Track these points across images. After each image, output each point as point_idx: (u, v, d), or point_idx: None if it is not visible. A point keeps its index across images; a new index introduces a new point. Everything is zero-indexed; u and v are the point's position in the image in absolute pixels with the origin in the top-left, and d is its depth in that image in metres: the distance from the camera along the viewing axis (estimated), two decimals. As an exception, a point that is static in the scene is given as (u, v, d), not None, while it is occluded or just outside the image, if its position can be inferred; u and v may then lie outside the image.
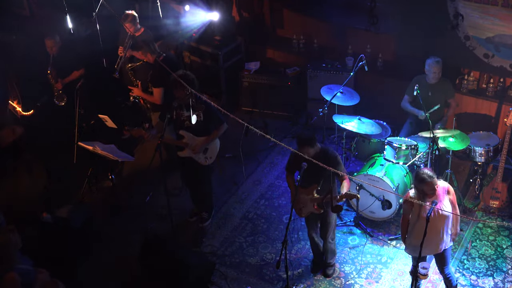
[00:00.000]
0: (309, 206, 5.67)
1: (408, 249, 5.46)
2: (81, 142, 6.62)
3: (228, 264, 6.36)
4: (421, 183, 5.02)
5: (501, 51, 7.01)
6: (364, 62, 6.78)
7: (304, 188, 5.58)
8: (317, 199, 5.60)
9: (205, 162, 6.37)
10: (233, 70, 8.67)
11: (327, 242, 5.98)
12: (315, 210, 5.66)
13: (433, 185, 5.01)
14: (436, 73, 6.81)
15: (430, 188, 5.01)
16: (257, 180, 7.54)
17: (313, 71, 8.13)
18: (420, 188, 5.06)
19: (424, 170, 5.05)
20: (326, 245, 6.01)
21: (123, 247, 6.50)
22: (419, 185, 5.05)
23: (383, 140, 6.75)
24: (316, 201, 5.61)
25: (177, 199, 7.14)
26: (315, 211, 5.66)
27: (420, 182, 5.02)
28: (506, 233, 6.49)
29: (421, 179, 5.01)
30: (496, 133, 7.10)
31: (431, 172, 5.03)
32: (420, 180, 5.02)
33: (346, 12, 8.32)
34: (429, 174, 5.00)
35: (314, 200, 5.61)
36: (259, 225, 6.85)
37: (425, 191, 5.04)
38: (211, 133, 6.23)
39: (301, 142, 5.45)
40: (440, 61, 6.78)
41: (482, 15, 6.90)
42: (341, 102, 6.96)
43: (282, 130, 8.34)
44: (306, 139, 5.46)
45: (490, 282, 5.95)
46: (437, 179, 5.08)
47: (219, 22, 8.47)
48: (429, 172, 5.02)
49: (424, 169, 5.08)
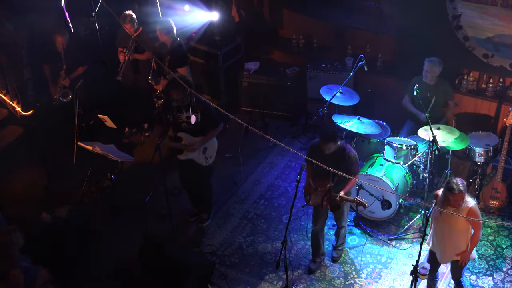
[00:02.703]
0: (318, 197, 5.76)
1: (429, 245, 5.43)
2: (81, 142, 6.62)
3: (228, 264, 6.36)
4: (448, 191, 4.91)
5: (500, 50, 7.02)
6: (364, 62, 6.78)
7: (321, 177, 5.66)
8: (328, 193, 5.65)
9: (205, 163, 6.37)
10: (233, 70, 8.67)
11: (340, 227, 6.18)
12: (323, 205, 5.74)
13: (459, 200, 4.90)
14: (430, 73, 6.81)
15: (454, 199, 4.91)
16: (257, 180, 7.54)
17: (313, 71, 8.14)
18: (446, 195, 4.96)
19: (457, 181, 4.91)
20: (338, 230, 6.24)
21: (123, 247, 6.50)
22: (446, 192, 4.95)
23: (382, 140, 6.75)
24: (326, 196, 5.67)
25: (177, 199, 7.14)
26: (323, 205, 5.74)
27: (448, 191, 4.91)
28: (506, 233, 6.49)
29: (450, 188, 4.89)
30: (496, 133, 7.10)
31: (462, 186, 4.88)
32: (449, 188, 4.90)
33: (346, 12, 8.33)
34: (459, 188, 4.86)
35: (324, 192, 5.68)
36: (258, 225, 6.85)
37: (448, 200, 4.94)
38: (207, 133, 6.26)
39: (326, 138, 5.56)
40: (434, 61, 6.78)
41: (482, 15, 6.90)
42: (341, 102, 6.97)
43: (281, 130, 8.34)
44: (331, 135, 5.58)
45: (489, 282, 5.95)
46: (468, 196, 4.98)
47: (218, 22, 8.48)
48: (461, 186, 4.88)
49: (457, 180, 4.93)
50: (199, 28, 8.58)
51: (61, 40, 7.48)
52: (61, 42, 7.50)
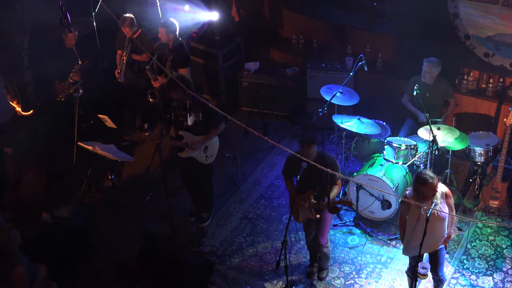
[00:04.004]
0: (306, 211, 5.66)
1: (406, 251, 5.41)
2: (81, 142, 6.62)
3: (228, 264, 6.36)
4: (423, 184, 4.94)
5: (501, 50, 7.02)
6: (364, 62, 6.77)
7: (300, 193, 5.58)
8: (314, 205, 5.60)
9: (206, 161, 6.38)
10: (233, 70, 8.67)
11: (322, 247, 5.89)
12: (312, 216, 5.65)
13: (434, 187, 4.97)
14: (429, 73, 6.82)
15: (431, 189, 4.96)
16: (257, 180, 7.54)
17: (313, 71, 8.14)
18: (421, 190, 4.99)
19: (426, 171, 5.01)
20: (321, 250, 5.95)
21: (123, 247, 6.50)
22: (420, 187, 4.98)
23: (382, 140, 6.75)
24: (313, 207, 5.61)
25: (177, 199, 7.14)
26: (311, 216, 5.66)
27: (422, 184, 4.95)
28: (506, 233, 6.49)
29: (423, 180, 4.94)
30: (496, 133, 7.11)
31: (432, 173, 4.99)
32: (422, 181, 4.94)
33: (346, 12, 8.33)
34: (430, 175, 4.95)
35: (311, 205, 5.61)
36: (258, 225, 6.85)
37: (425, 193, 4.98)
38: (209, 132, 6.26)
39: (307, 142, 5.44)
40: (433, 61, 6.79)
41: (483, 14, 6.91)
42: (341, 102, 6.96)
43: (281, 130, 8.34)
44: (312, 139, 5.48)
45: (489, 282, 5.95)
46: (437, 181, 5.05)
47: (218, 22, 8.48)
48: (431, 173, 4.98)
49: (425, 170, 5.05)
50: (199, 28, 8.59)
51: (73, 36, 7.46)
52: (72, 38, 7.48)
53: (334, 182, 5.59)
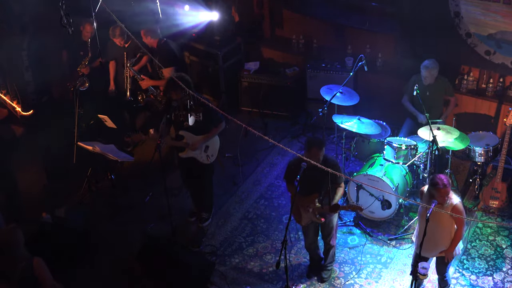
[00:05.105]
0: (310, 214, 5.63)
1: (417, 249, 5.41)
2: (81, 142, 6.62)
3: (228, 264, 6.36)
4: (433, 187, 4.99)
5: (502, 47, 7.02)
6: (364, 62, 6.78)
7: (305, 196, 5.55)
8: (319, 209, 5.56)
9: (207, 161, 6.38)
10: (233, 70, 8.67)
11: (329, 245, 5.94)
12: (317, 220, 5.62)
13: (444, 194, 4.97)
14: (429, 76, 6.86)
15: (440, 195, 4.98)
16: (257, 180, 7.54)
17: (313, 71, 8.14)
18: (431, 192, 5.04)
19: (441, 177, 5.00)
20: (328, 248, 5.99)
21: (123, 247, 6.50)
22: (431, 188, 5.03)
23: (382, 140, 6.75)
24: (318, 211, 5.57)
25: (177, 199, 7.14)
26: (317, 220, 5.62)
27: (432, 186, 4.99)
28: (506, 233, 6.49)
29: (434, 183, 4.97)
30: (496, 133, 7.11)
31: (446, 181, 4.97)
32: (433, 184, 4.98)
33: (346, 12, 8.33)
34: (443, 182, 4.95)
35: (316, 209, 5.57)
36: (258, 225, 6.85)
37: (434, 196, 5.01)
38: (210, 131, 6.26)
39: (317, 145, 5.41)
40: (429, 64, 6.80)
41: (484, 11, 6.90)
42: (341, 102, 6.96)
43: (281, 130, 8.34)
44: (323, 142, 5.47)
45: (489, 282, 5.95)
46: (452, 193, 5.04)
47: (218, 22, 8.47)
48: (445, 180, 4.96)
49: (441, 176, 5.02)
50: (199, 28, 8.58)
51: (90, 29, 7.43)
52: (89, 31, 7.46)
53: (338, 184, 5.60)
